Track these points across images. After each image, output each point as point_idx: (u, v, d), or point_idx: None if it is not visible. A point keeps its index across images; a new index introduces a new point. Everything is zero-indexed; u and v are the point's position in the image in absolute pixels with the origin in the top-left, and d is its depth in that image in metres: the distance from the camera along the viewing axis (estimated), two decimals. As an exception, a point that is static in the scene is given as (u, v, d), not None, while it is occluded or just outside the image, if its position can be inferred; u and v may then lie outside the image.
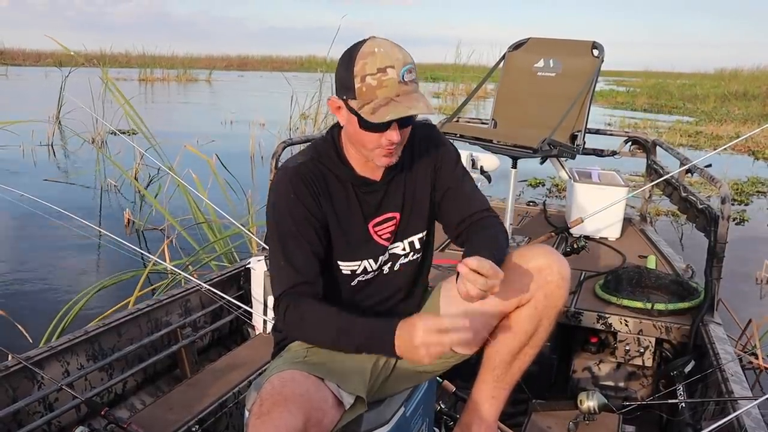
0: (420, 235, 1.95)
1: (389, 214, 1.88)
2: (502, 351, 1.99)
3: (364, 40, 1.70)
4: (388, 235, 1.88)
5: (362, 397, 1.76)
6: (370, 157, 1.77)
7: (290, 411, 1.53)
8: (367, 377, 1.83)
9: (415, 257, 1.96)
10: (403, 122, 1.71)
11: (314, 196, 1.77)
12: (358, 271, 1.87)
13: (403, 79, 1.64)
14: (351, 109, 1.69)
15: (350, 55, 1.68)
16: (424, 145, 1.92)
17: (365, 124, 1.68)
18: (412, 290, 2.01)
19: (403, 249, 1.92)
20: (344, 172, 1.83)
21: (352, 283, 1.89)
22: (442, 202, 1.95)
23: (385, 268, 1.92)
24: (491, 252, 1.72)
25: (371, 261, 1.88)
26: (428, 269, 2.08)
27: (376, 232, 1.87)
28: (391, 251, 1.91)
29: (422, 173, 1.92)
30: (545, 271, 1.88)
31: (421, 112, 1.66)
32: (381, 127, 1.69)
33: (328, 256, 1.82)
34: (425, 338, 1.57)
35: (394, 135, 1.70)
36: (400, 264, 1.94)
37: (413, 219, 1.92)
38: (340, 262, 1.84)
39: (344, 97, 1.70)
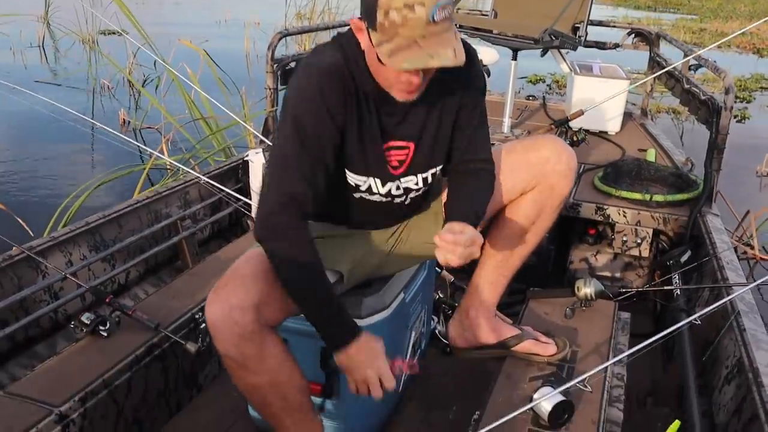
0: (435, 170, 1.83)
1: (402, 143, 1.73)
2: (503, 237, 1.99)
3: None
4: (396, 164, 1.75)
5: (342, 274, 1.77)
6: (387, 88, 1.59)
7: (244, 286, 1.53)
8: (356, 258, 1.82)
9: (426, 189, 1.87)
10: None
11: (344, 100, 1.59)
12: (363, 188, 1.75)
13: (432, 19, 1.42)
14: (371, 40, 1.50)
15: None
16: (457, 74, 1.63)
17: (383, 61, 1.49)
18: (407, 212, 1.94)
19: (416, 183, 1.81)
20: (368, 85, 1.62)
21: (355, 195, 1.78)
22: (452, 138, 1.82)
23: (397, 200, 1.82)
24: (470, 210, 1.72)
25: (378, 182, 1.75)
26: (437, 193, 1.98)
27: (387, 156, 1.73)
28: (404, 184, 1.79)
29: (448, 105, 1.75)
30: (552, 160, 1.88)
31: (444, 64, 1.44)
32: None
33: (338, 164, 1.69)
34: (369, 372, 1.59)
35: (414, 78, 1.53)
36: (411, 198, 1.85)
37: (431, 153, 1.78)
38: (348, 171, 1.71)
39: (366, 24, 1.50)
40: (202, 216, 3.12)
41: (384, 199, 1.79)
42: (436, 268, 2.53)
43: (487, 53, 4.11)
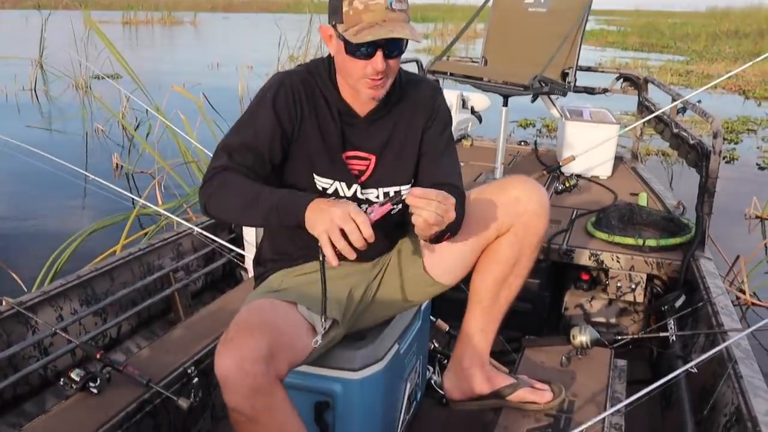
0: (398, 188, 1.88)
1: (363, 154, 1.83)
2: (487, 280, 2.01)
3: None
4: (357, 173, 1.83)
5: (337, 320, 1.77)
6: (356, 88, 1.72)
7: (253, 337, 1.53)
8: (343, 302, 1.83)
9: (395, 212, 1.91)
10: (389, 52, 1.67)
11: (294, 105, 1.75)
12: (330, 191, 1.82)
13: (391, 5, 1.61)
14: (338, 34, 1.67)
15: None
16: (422, 101, 1.87)
17: (350, 48, 1.65)
18: (385, 236, 1.97)
19: (377, 197, 1.86)
20: (332, 96, 1.79)
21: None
22: (418, 163, 1.89)
23: (362, 207, 1.87)
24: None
25: (344, 185, 1.82)
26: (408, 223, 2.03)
27: (348, 164, 1.83)
28: (365, 195, 1.85)
29: (413, 126, 1.86)
30: (523, 200, 1.90)
31: (404, 37, 1.62)
32: (365, 55, 1.65)
33: (305, 167, 1.79)
34: (336, 212, 1.48)
35: (378, 63, 1.66)
36: None
37: (392, 169, 1.86)
38: (315, 176, 1.80)
39: (333, 23, 1.68)
40: (195, 267, 3.10)
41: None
42: (431, 317, 2.51)
43: (478, 100, 4.16)
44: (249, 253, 3.12)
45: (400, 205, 1.77)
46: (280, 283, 1.84)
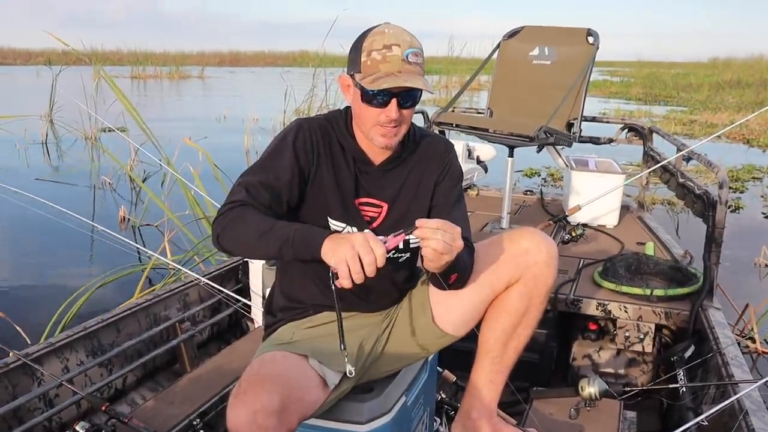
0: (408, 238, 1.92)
1: (376, 201, 1.88)
2: (496, 331, 2.01)
3: (379, 24, 1.77)
4: (368, 219, 1.87)
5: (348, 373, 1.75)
6: (370, 135, 1.78)
7: (266, 390, 1.53)
8: (353, 355, 1.84)
9: (396, 255, 1.95)
10: (403, 101, 1.73)
11: (311, 148, 1.80)
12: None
13: (407, 58, 1.69)
14: (355, 83, 1.74)
15: (363, 34, 1.75)
16: (436, 156, 1.93)
17: (365, 96, 1.72)
18: (394, 284, 2.00)
19: (400, 247, 1.89)
20: (348, 143, 1.85)
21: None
22: (429, 215, 1.92)
23: None
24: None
25: (355, 229, 1.85)
26: (417, 271, 2.07)
27: (360, 210, 1.87)
28: None
29: (425, 179, 1.91)
30: (532, 251, 1.92)
31: (418, 87, 1.69)
32: (380, 103, 1.71)
33: (319, 211, 1.83)
34: (354, 241, 1.51)
35: (392, 111, 1.72)
36: (386, 259, 1.91)
37: (403, 218, 1.89)
38: (330, 219, 1.84)
39: (351, 73, 1.76)
40: (201, 318, 3.10)
41: None
42: (438, 368, 2.50)
43: (484, 150, 4.19)
44: (255, 304, 3.12)
45: (405, 255, 1.79)
46: (291, 336, 1.85)
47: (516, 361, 2.08)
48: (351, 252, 1.49)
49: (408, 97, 1.73)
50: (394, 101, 1.72)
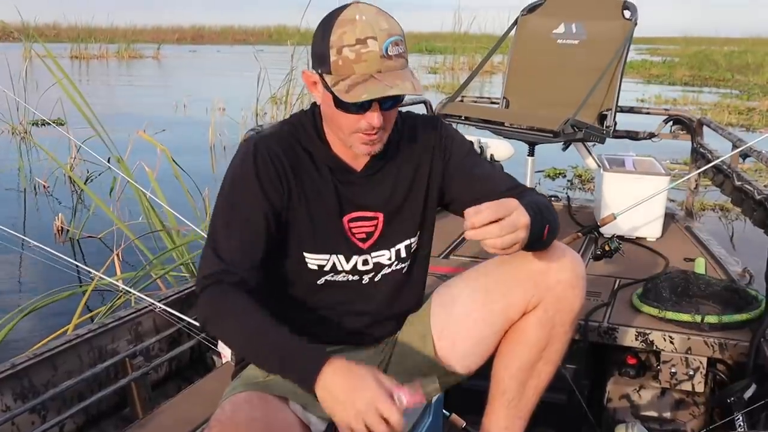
0: (408, 242, 1.96)
1: (368, 213, 1.89)
2: (511, 367, 2.00)
3: (346, 6, 1.71)
4: (364, 236, 1.89)
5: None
6: (348, 142, 1.78)
7: None
8: None
9: (399, 267, 1.97)
10: (386, 103, 1.72)
11: (277, 177, 1.78)
12: (327, 268, 1.87)
13: (386, 53, 1.65)
14: (326, 85, 1.71)
15: (328, 22, 1.70)
16: (424, 142, 1.94)
17: (340, 104, 1.69)
18: (392, 307, 2.02)
19: (389, 258, 1.93)
20: (320, 151, 1.84)
21: (318, 282, 1.89)
22: (454, 198, 1.96)
23: (366, 278, 1.93)
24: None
25: (342, 258, 1.87)
26: (419, 285, 2.09)
27: (350, 229, 1.88)
28: (375, 259, 1.92)
29: (418, 173, 1.93)
30: (554, 269, 1.90)
31: (404, 92, 1.67)
32: (359, 108, 1.70)
33: (293, 246, 1.84)
34: (361, 405, 1.45)
35: (374, 118, 1.71)
36: (382, 275, 1.95)
37: (401, 223, 1.92)
38: (306, 254, 1.84)
39: (319, 71, 1.73)
40: (156, 352, 3.10)
41: (351, 277, 1.90)
42: (444, 411, 2.50)
43: (499, 148, 4.19)
44: (223, 335, 3.11)
45: (402, 264, 1.81)
46: (267, 373, 1.83)
47: (537, 403, 2.07)
48: (355, 419, 1.45)
49: (391, 98, 1.71)
50: (375, 105, 1.70)
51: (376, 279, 1.94)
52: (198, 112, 13.01)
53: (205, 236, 1.83)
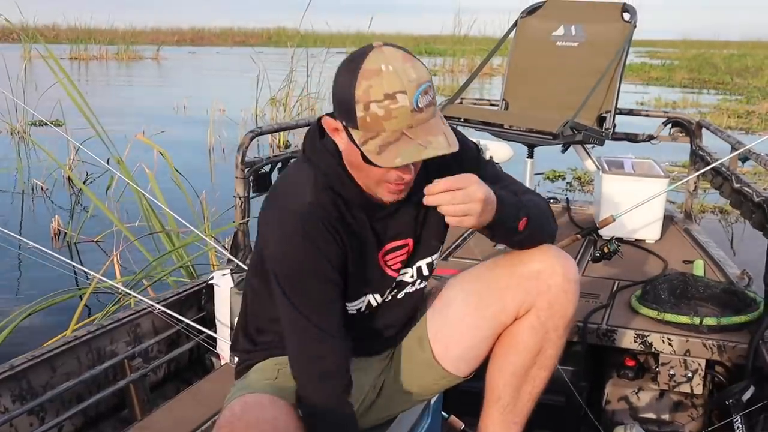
0: (430, 259, 1.95)
1: (401, 242, 1.86)
2: (505, 373, 2.00)
3: (368, 49, 1.60)
4: (399, 265, 1.88)
5: None
6: (374, 190, 1.71)
7: None
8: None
9: (421, 285, 1.98)
10: None
11: (337, 243, 1.71)
12: (363, 308, 1.87)
13: (417, 106, 1.56)
14: (351, 138, 1.61)
15: (351, 70, 1.59)
16: (442, 161, 1.78)
17: (369, 161, 1.61)
18: (410, 320, 2.04)
19: (412, 276, 1.93)
20: (355, 195, 1.74)
21: (349, 313, 1.87)
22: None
23: (389, 296, 1.93)
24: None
25: (377, 296, 1.88)
26: (419, 317, 2.09)
27: (386, 262, 1.86)
28: (398, 278, 1.91)
29: None
30: (546, 273, 1.89)
31: (438, 152, 1.58)
32: None
33: (345, 297, 1.81)
34: None
35: (405, 174, 1.66)
36: (405, 292, 1.95)
37: (426, 242, 1.91)
38: (347, 303, 1.82)
39: (343, 123, 1.63)
40: (155, 353, 3.10)
41: (380, 304, 1.90)
42: (443, 413, 2.50)
43: (498, 150, 4.19)
44: (222, 335, 3.12)
45: (424, 282, 1.88)
46: (275, 376, 1.83)
47: (532, 408, 2.07)
48: None
49: None
50: None
51: (398, 296, 1.94)
52: (197, 113, 12.98)
53: (204, 238, 1.82)
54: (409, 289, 1.94)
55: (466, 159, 1.86)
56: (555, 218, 1.94)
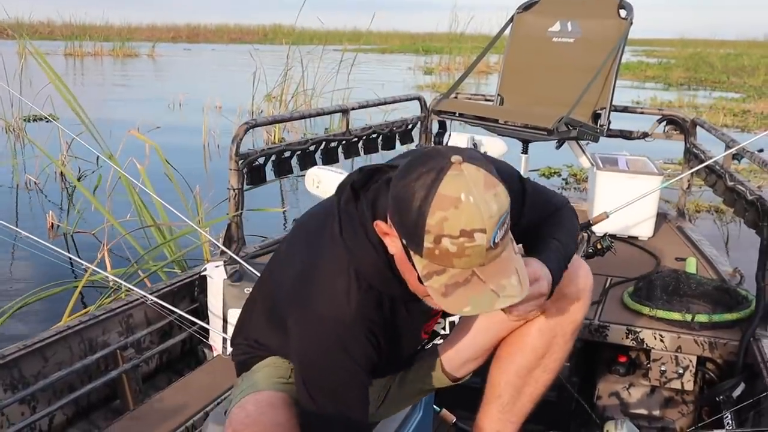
0: None
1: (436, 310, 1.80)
2: (508, 373, 2.00)
3: (446, 165, 1.39)
4: (427, 336, 1.89)
5: None
6: (419, 294, 1.59)
7: None
8: None
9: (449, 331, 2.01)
10: None
11: (374, 347, 1.63)
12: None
13: (493, 244, 1.39)
14: (409, 255, 1.47)
15: (425, 187, 1.39)
16: None
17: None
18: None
19: (443, 328, 1.99)
20: (400, 292, 1.63)
21: None
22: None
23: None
24: (545, 245, 1.76)
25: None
26: None
27: (425, 332, 1.86)
28: (431, 328, 1.91)
29: None
30: (561, 283, 1.85)
31: (511, 300, 1.45)
32: None
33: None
34: None
35: None
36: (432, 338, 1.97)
37: None
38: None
39: (404, 242, 1.46)
40: (147, 344, 3.10)
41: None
42: (435, 407, 2.50)
43: (493, 145, 4.19)
44: (214, 327, 3.12)
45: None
46: (288, 374, 1.79)
47: (531, 410, 2.06)
48: None
49: None
50: None
51: (427, 346, 1.98)
52: (194, 110, 12.96)
53: (198, 229, 1.79)
54: (438, 340, 1.96)
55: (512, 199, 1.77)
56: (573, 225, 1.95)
